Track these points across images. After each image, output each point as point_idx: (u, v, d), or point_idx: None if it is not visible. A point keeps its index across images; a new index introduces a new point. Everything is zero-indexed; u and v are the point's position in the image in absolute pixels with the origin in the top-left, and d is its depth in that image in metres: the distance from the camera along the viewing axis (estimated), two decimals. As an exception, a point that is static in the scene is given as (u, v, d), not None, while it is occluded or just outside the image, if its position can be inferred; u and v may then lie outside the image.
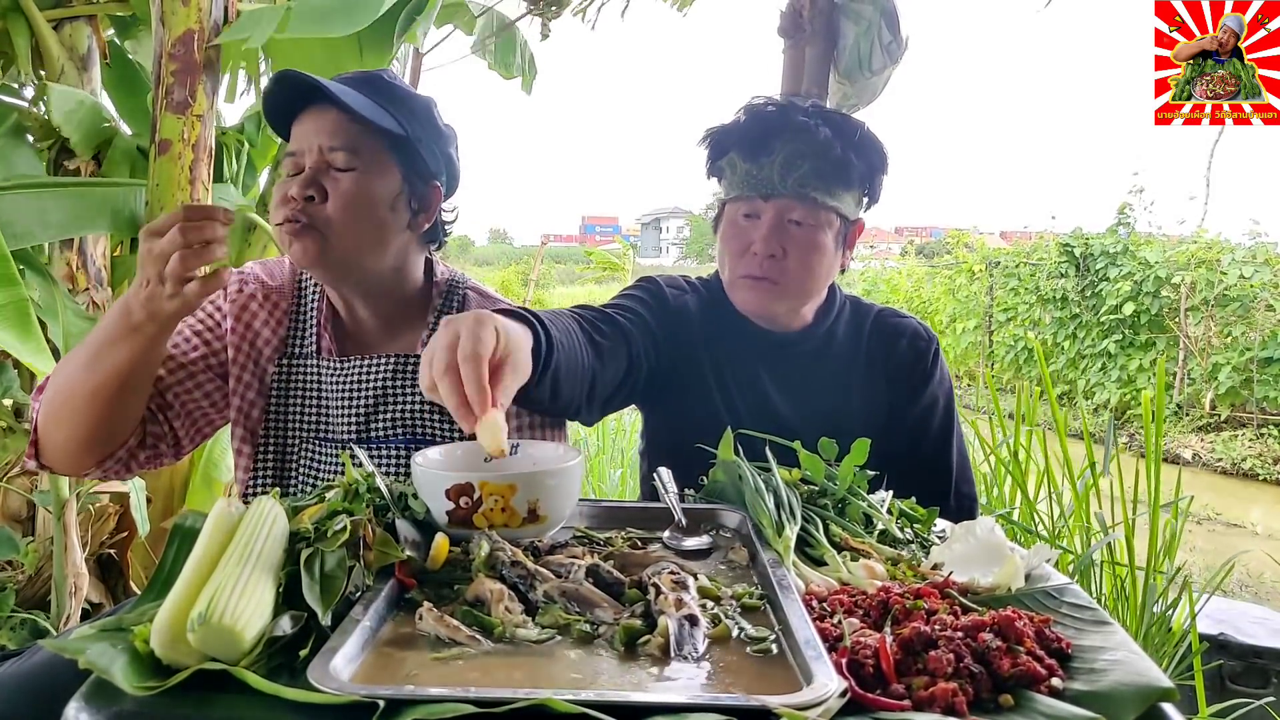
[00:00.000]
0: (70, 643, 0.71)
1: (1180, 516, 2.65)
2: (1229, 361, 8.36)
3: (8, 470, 2.83)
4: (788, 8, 2.73)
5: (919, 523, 1.16)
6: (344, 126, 1.34)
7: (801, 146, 1.43)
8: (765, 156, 1.44)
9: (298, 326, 1.47)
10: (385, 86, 1.41)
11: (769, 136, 1.45)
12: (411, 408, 1.41)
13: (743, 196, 1.48)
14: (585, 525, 1.14)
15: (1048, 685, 0.72)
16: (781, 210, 1.45)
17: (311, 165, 1.33)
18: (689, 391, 1.53)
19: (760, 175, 1.45)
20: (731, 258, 1.51)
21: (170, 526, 0.92)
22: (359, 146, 1.34)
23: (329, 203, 1.33)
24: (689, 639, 0.77)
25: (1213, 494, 6.59)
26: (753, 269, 1.47)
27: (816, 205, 1.45)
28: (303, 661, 0.72)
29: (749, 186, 1.46)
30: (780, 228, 1.46)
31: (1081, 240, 9.80)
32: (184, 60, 2.64)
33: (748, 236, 1.48)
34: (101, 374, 1.21)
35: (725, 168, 1.52)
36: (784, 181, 1.44)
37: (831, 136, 1.44)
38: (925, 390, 1.59)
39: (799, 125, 1.44)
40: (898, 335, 1.61)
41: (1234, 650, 2.45)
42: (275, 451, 1.43)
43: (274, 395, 1.44)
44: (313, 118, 1.35)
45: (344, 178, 1.34)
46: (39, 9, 2.87)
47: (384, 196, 1.37)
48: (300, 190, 1.32)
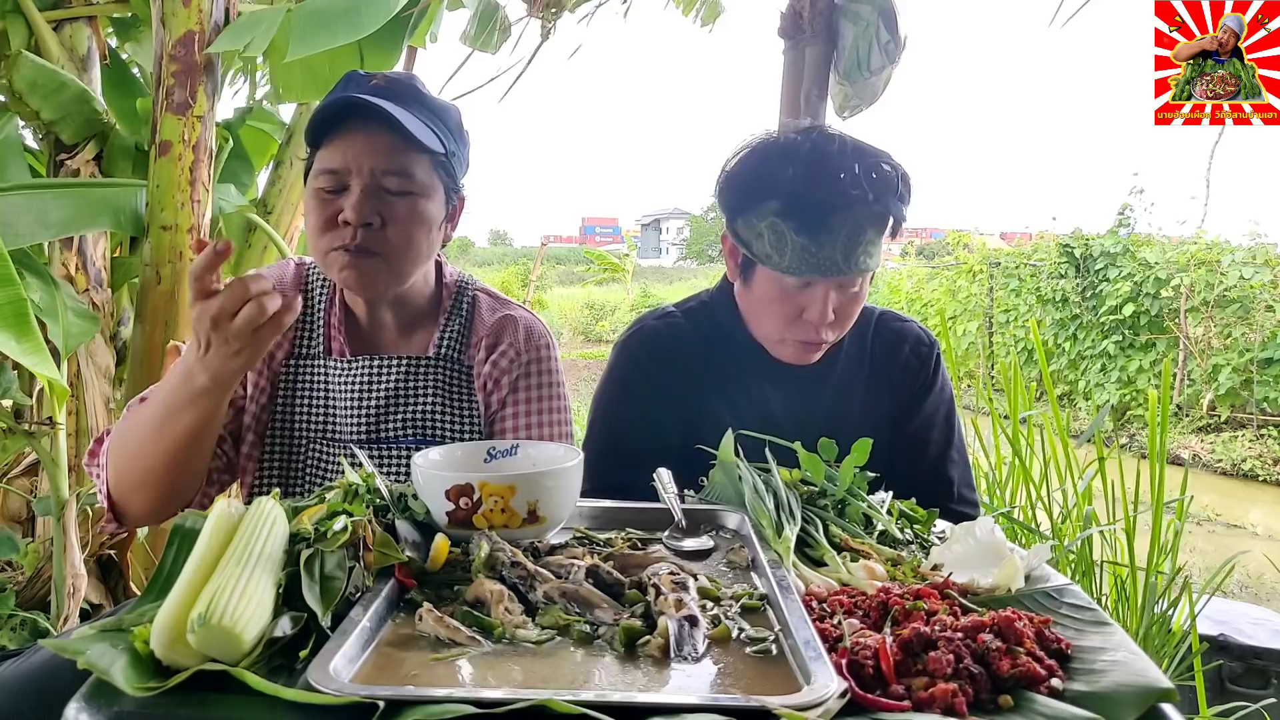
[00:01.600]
0: (70, 643, 0.71)
1: (1183, 517, 2.65)
2: (1229, 363, 8.36)
3: (7, 471, 2.83)
4: (787, 9, 2.73)
5: (919, 523, 1.16)
6: (397, 148, 1.30)
7: (861, 219, 1.36)
8: (825, 234, 1.35)
9: (305, 327, 1.47)
10: (425, 99, 1.38)
11: (830, 211, 1.35)
12: (423, 408, 1.42)
13: (795, 273, 1.39)
14: (585, 526, 1.14)
15: (1047, 686, 0.72)
16: (842, 284, 1.42)
17: (363, 188, 1.29)
18: (699, 414, 1.52)
19: (821, 254, 1.36)
20: (779, 320, 1.45)
21: (170, 527, 0.92)
22: (412, 169, 1.32)
23: (388, 228, 1.31)
24: (689, 640, 0.77)
25: (1213, 495, 6.59)
26: (809, 335, 1.44)
27: (868, 272, 1.43)
28: (303, 662, 0.72)
29: (806, 266, 1.37)
30: (835, 293, 1.42)
31: (1081, 241, 9.80)
32: (184, 61, 2.64)
33: (798, 303, 1.42)
34: (171, 440, 1.20)
35: (765, 234, 1.39)
36: (848, 261, 1.37)
37: (889, 205, 1.38)
38: (928, 397, 1.59)
39: (857, 197, 1.35)
40: (900, 341, 1.61)
41: (1234, 651, 2.45)
42: (282, 451, 1.44)
43: (281, 396, 1.44)
44: (361, 136, 1.30)
45: (400, 202, 1.31)
46: (38, 10, 2.88)
47: (435, 219, 1.37)
48: (358, 216, 1.29)
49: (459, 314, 1.48)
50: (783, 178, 1.38)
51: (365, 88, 1.33)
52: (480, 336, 1.47)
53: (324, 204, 1.31)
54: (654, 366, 1.53)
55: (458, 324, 1.48)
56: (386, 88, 1.34)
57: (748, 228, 1.43)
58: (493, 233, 69.07)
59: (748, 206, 1.42)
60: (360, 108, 1.30)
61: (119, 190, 2.71)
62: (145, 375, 2.66)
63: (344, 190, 1.31)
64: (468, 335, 1.48)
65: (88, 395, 2.85)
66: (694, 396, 1.52)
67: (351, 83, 1.37)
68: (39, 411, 2.73)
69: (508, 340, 1.46)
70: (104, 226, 2.69)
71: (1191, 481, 2.67)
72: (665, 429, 1.50)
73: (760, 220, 1.40)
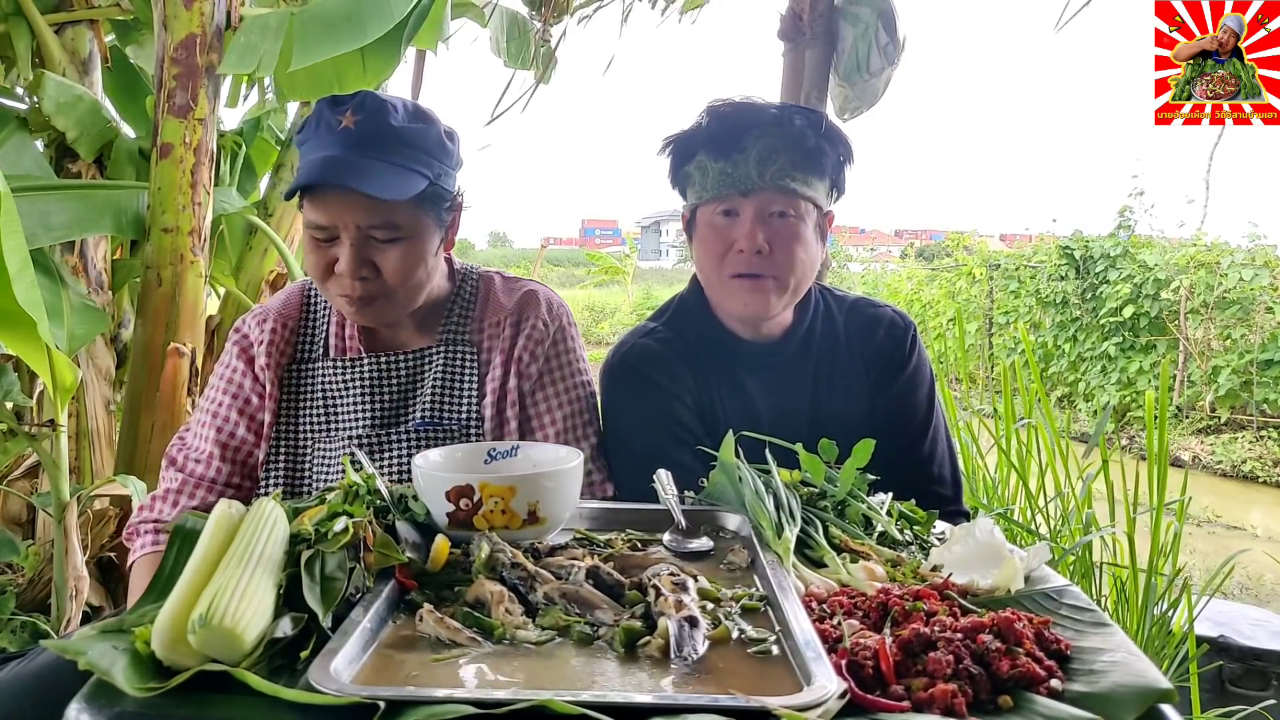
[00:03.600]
0: (71, 644, 0.71)
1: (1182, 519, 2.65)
2: (1228, 364, 8.35)
3: (8, 474, 2.83)
4: (787, 11, 2.73)
5: (918, 524, 1.16)
6: (376, 204, 1.31)
7: (774, 139, 1.43)
8: (738, 153, 1.43)
9: (307, 335, 1.51)
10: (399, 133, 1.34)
11: (739, 133, 1.44)
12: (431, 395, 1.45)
13: (718, 196, 1.46)
14: (585, 527, 1.14)
15: (1047, 686, 0.72)
16: (762, 204, 1.44)
17: (352, 243, 1.33)
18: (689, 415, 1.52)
19: (736, 172, 1.43)
20: (714, 260, 1.48)
21: (171, 528, 0.93)
22: (395, 220, 1.34)
23: (383, 275, 1.36)
24: (689, 640, 0.77)
25: (1212, 496, 6.58)
26: (740, 266, 1.45)
27: (796, 196, 1.44)
28: (303, 663, 0.72)
29: (724, 185, 1.44)
30: (763, 221, 1.44)
31: (1081, 243, 9.80)
32: (186, 64, 2.64)
33: (729, 235, 1.46)
34: None
35: (693, 173, 1.50)
36: (762, 175, 1.42)
37: (804, 126, 1.44)
38: (902, 375, 1.58)
39: (769, 119, 1.44)
40: (875, 325, 1.61)
41: (1234, 653, 2.44)
42: (287, 453, 1.46)
43: (285, 400, 1.47)
44: (340, 197, 1.32)
45: (390, 249, 1.35)
46: (40, 13, 2.88)
47: (430, 249, 1.40)
48: (352, 272, 1.33)
49: (463, 297, 1.53)
50: (703, 126, 1.49)
51: (335, 134, 1.32)
52: (502, 316, 1.51)
53: (319, 250, 1.36)
54: (640, 383, 1.53)
55: (462, 307, 1.52)
56: (355, 131, 1.32)
57: (686, 181, 1.52)
58: (492, 234, 69.08)
59: (682, 160, 1.51)
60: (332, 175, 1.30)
61: (120, 193, 2.71)
62: (146, 377, 2.66)
63: (335, 240, 1.35)
64: (477, 316, 1.51)
65: (88, 397, 2.85)
66: (686, 399, 1.52)
67: (322, 122, 1.34)
68: (40, 413, 2.73)
69: (533, 314, 1.51)
70: (105, 229, 2.69)
71: (1191, 483, 2.67)
72: (665, 437, 1.49)
73: (690, 164, 1.50)
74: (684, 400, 1.52)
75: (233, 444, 1.45)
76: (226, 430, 1.45)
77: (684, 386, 1.53)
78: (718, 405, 1.53)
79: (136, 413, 2.66)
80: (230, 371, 1.48)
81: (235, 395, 1.47)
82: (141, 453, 2.62)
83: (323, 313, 1.51)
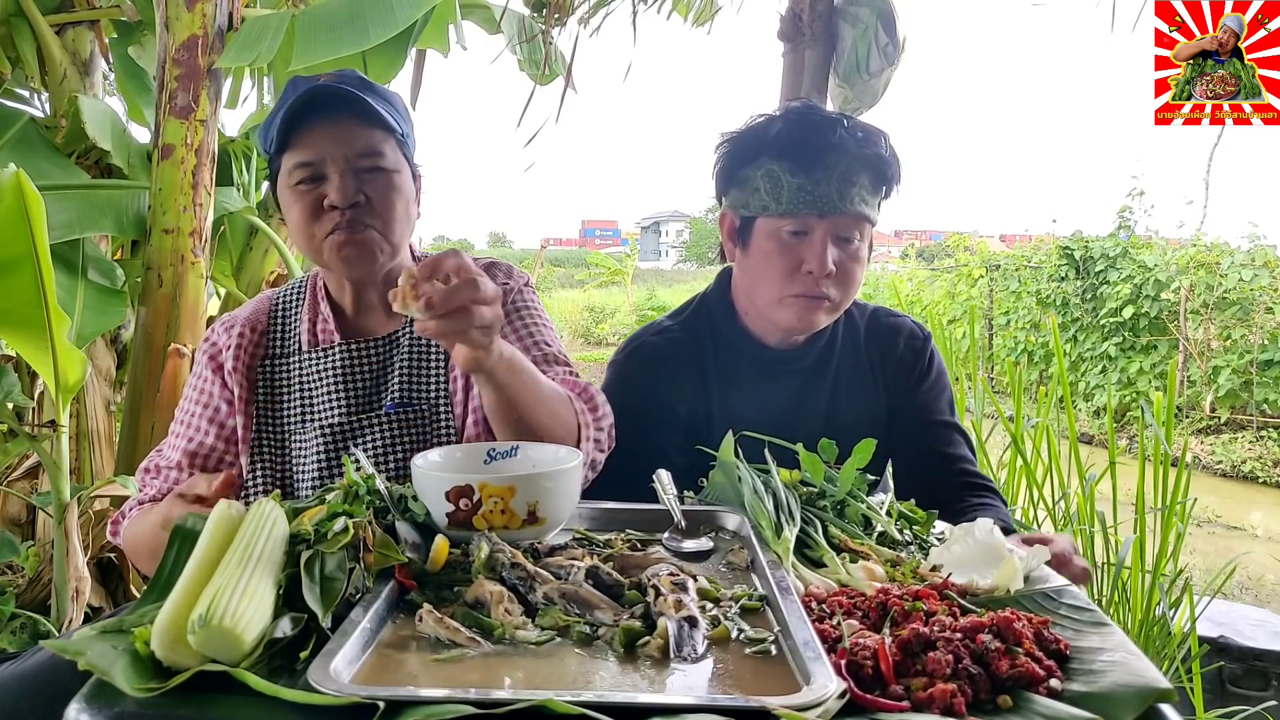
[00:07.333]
0: (71, 644, 0.71)
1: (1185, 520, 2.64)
2: (1228, 364, 8.35)
3: (8, 474, 2.83)
4: (787, 12, 2.73)
5: (918, 524, 1.16)
6: (362, 132, 1.37)
7: (855, 159, 1.40)
8: (821, 171, 1.39)
9: (279, 331, 1.51)
10: (374, 87, 1.46)
11: (823, 149, 1.40)
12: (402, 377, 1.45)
13: (791, 213, 1.42)
14: (585, 527, 1.14)
15: (1046, 686, 0.72)
16: (835, 228, 1.43)
17: (340, 172, 1.36)
18: (694, 418, 1.52)
19: (816, 191, 1.40)
20: (775, 277, 1.46)
21: (171, 528, 0.93)
22: (382, 149, 1.39)
23: (373, 203, 1.38)
24: (688, 640, 0.77)
25: (1213, 497, 6.58)
26: (808, 288, 1.44)
27: (865, 220, 1.44)
28: (303, 663, 0.72)
29: (801, 203, 1.40)
30: (833, 243, 1.43)
31: (1081, 243, 9.80)
32: (188, 65, 2.65)
33: (796, 254, 1.43)
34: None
35: (757, 180, 1.44)
36: (843, 198, 1.40)
37: (880, 147, 1.42)
38: (925, 383, 1.60)
39: (847, 140, 1.40)
40: (894, 335, 1.62)
41: (1234, 653, 2.44)
42: (269, 446, 1.46)
43: (261, 397, 1.48)
44: (329, 126, 1.37)
45: (378, 178, 1.38)
46: (42, 14, 2.88)
47: (410, 192, 1.44)
48: (343, 198, 1.35)
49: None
50: (773, 131, 1.44)
51: (316, 85, 1.38)
52: None
53: (304, 195, 1.37)
54: (647, 380, 1.54)
55: None
56: (337, 82, 1.40)
57: (744, 185, 1.47)
58: (492, 235, 69.14)
59: (743, 164, 1.47)
60: (324, 98, 1.36)
61: (121, 193, 2.72)
62: (146, 378, 2.66)
63: (322, 179, 1.36)
64: None
65: (88, 398, 2.85)
66: (690, 403, 1.53)
67: (297, 85, 1.41)
68: (40, 414, 2.73)
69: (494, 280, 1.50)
70: (106, 229, 2.69)
71: (1192, 483, 2.67)
72: (664, 437, 1.49)
73: (755, 172, 1.45)
74: (677, 403, 1.52)
75: (201, 453, 1.46)
76: (196, 440, 1.46)
77: (681, 390, 1.53)
78: (732, 409, 1.52)
79: (137, 413, 2.66)
80: (200, 381, 1.49)
81: (205, 405, 1.48)
82: (142, 453, 2.61)
83: (294, 312, 1.52)
